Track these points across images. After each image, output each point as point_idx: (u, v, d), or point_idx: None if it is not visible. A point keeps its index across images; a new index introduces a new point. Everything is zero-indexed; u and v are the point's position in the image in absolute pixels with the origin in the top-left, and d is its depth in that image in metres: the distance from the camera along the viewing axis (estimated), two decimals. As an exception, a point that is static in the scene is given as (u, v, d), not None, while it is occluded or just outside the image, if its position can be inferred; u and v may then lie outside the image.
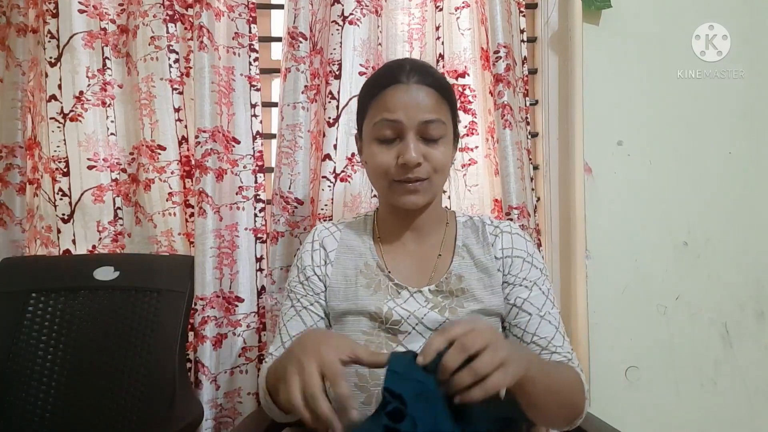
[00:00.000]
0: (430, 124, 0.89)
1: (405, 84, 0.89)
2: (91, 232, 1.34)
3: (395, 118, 0.88)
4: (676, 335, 1.47)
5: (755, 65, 1.49)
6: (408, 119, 0.88)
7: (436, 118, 0.89)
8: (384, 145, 0.90)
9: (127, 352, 1.17)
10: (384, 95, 0.90)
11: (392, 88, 0.90)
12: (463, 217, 1.04)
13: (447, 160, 0.92)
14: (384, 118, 0.89)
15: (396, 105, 0.89)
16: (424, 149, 0.89)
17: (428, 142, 0.89)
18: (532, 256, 0.97)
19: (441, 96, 0.92)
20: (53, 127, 1.32)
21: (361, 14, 1.32)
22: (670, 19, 1.48)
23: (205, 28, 1.27)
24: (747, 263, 1.49)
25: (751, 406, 1.48)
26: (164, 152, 1.32)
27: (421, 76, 0.91)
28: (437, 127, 0.89)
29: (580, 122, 1.41)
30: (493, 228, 1.00)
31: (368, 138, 0.93)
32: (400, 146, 0.89)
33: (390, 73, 0.92)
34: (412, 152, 0.87)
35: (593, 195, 1.44)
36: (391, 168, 0.90)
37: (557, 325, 0.92)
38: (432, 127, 0.89)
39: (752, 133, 1.49)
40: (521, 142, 1.34)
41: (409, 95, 0.89)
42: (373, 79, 0.96)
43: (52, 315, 1.19)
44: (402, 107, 0.88)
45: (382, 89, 0.91)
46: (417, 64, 0.93)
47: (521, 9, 1.39)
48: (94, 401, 1.14)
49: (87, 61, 1.33)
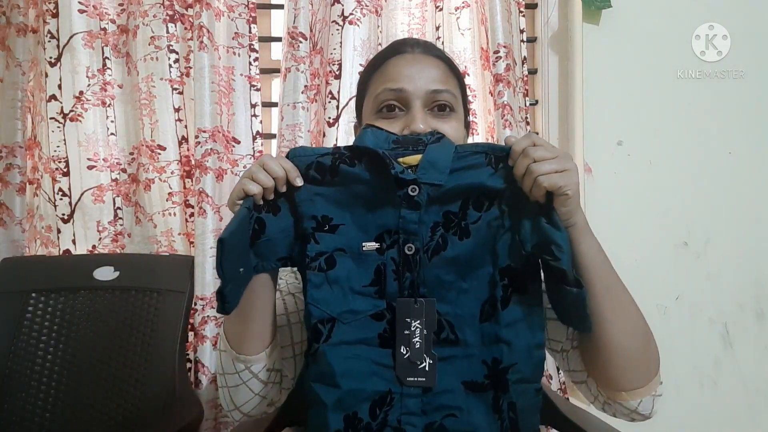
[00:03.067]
0: (439, 93, 0.77)
1: (410, 53, 0.80)
2: (91, 232, 1.34)
3: (399, 87, 0.77)
4: (676, 335, 1.47)
5: (755, 65, 1.49)
6: (414, 88, 0.76)
7: (445, 88, 0.78)
8: (386, 119, 0.77)
9: (127, 352, 1.17)
10: (386, 66, 0.80)
11: (396, 58, 0.80)
12: None
13: (459, 137, 0.79)
14: (387, 88, 0.77)
15: (400, 74, 0.78)
16: (434, 122, 0.76)
17: (437, 116, 0.77)
18: None
19: (449, 68, 0.82)
20: (53, 127, 1.32)
21: (361, 14, 1.32)
22: (670, 19, 1.48)
23: (205, 28, 1.27)
24: (747, 263, 1.49)
25: (751, 406, 1.48)
26: (164, 152, 1.32)
27: (426, 47, 0.82)
28: (447, 98, 0.78)
29: (580, 122, 1.41)
30: None
31: (369, 115, 0.81)
32: (406, 118, 0.77)
33: (392, 45, 0.84)
34: (419, 122, 0.75)
35: (593, 195, 1.44)
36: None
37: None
38: (441, 97, 0.77)
39: (752, 133, 1.49)
40: (521, 142, 1.34)
41: (415, 65, 0.78)
42: (374, 57, 0.86)
43: (52, 315, 1.19)
44: (407, 76, 0.77)
45: (384, 61, 0.81)
46: (422, 40, 0.87)
47: (521, 9, 1.39)
48: (94, 401, 1.14)
49: (87, 61, 1.33)
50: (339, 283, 0.68)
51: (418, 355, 0.65)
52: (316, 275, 0.68)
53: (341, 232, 0.69)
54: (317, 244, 0.68)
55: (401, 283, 0.67)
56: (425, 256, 0.68)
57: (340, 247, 0.68)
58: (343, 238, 0.69)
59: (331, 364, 0.65)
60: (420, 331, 0.66)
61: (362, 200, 0.69)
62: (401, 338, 0.66)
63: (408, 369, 0.65)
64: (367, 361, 0.66)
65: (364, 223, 0.69)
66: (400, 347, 0.66)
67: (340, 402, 0.65)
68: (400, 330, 0.66)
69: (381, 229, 0.68)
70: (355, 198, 0.69)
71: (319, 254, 0.68)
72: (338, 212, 0.69)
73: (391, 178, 0.66)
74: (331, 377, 0.65)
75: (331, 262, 0.68)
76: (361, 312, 0.67)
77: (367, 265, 0.68)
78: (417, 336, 0.66)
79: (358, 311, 0.67)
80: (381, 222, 0.68)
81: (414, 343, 0.66)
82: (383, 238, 0.68)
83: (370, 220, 0.69)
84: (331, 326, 0.67)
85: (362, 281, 0.68)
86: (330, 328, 0.67)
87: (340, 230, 0.69)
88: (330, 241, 0.68)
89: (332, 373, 0.65)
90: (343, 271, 0.68)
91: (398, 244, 0.68)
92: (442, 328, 0.67)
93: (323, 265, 0.68)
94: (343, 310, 0.67)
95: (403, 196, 0.67)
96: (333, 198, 0.69)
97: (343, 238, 0.69)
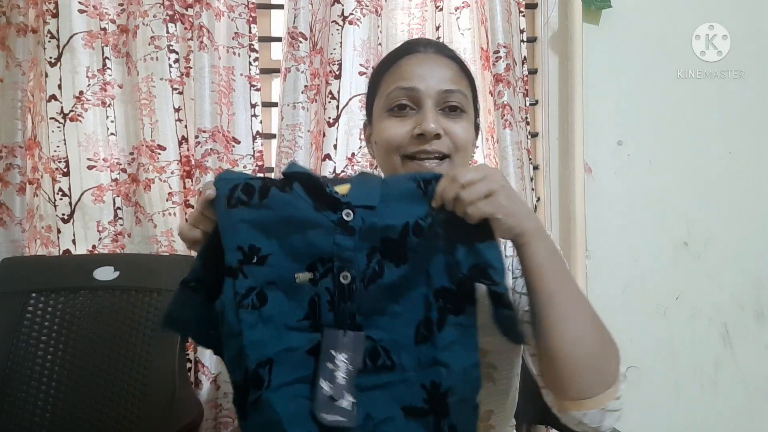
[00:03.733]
0: (451, 93, 0.78)
1: (423, 53, 0.81)
2: (91, 232, 1.34)
3: (411, 86, 0.77)
4: (676, 335, 1.47)
5: (755, 65, 1.49)
6: (426, 87, 0.77)
7: (456, 89, 0.79)
8: (397, 117, 0.78)
9: (127, 352, 1.16)
10: (399, 65, 0.80)
11: (408, 57, 0.81)
12: None
13: (469, 138, 0.80)
14: (398, 86, 0.78)
15: (412, 73, 0.78)
16: (445, 123, 0.77)
17: (449, 116, 0.78)
18: None
19: (461, 69, 0.83)
20: (53, 127, 1.32)
21: (361, 14, 1.32)
22: (670, 19, 1.48)
23: (205, 28, 1.27)
24: (747, 263, 1.49)
25: (751, 406, 1.48)
26: (164, 152, 1.32)
27: (439, 48, 0.83)
28: (458, 99, 0.79)
29: (580, 122, 1.41)
30: None
31: (379, 114, 0.81)
32: (417, 117, 0.77)
33: (405, 45, 0.84)
34: (430, 121, 0.75)
35: (593, 195, 1.44)
36: (406, 141, 0.78)
37: None
38: (453, 97, 0.78)
39: (752, 133, 1.49)
40: (521, 142, 1.34)
41: (427, 64, 0.79)
42: (386, 56, 0.87)
43: (52, 315, 1.19)
44: (419, 76, 0.78)
45: (396, 59, 0.82)
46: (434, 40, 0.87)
47: (521, 9, 1.39)
48: (94, 401, 1.14)
49: (87, 61, 1.33)
50: (273, 320, 0.64)
51: (339, 392, 0.61)
52: (249, 313, 0.63)
53: (271, 264, 0.65)
54: (246, 279, 0.64)
55: (336, 314, 0.64)
56: (361, 285, 0.65)
57: (270, 280, 0.64)
58: (273, 270, 0.65)
59: (277, 412, 0.61)
60: (345, 366, 0.62)
61: (293, 226, 0.65)
62: (324, 371, 0.62)
63: (327, 406, 0.61)
64: (305, 399, 0.63)
65: (294, 251, 0.65)
66: (322, 382, 0.62)
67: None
68: (323, 363, 0.62)
69: (314, 258, 0.65)
70: (284, 224, 0.65)
71: (249, 290, 0.64)
72: (265, 241, 0.65)
73: (325, 198, 0.64)
74: (277, 425, 0.61)
75: (262, 297, 0.64)
76: (297, 348, 0.64)
77: (300, 297, 0.65)
78: (341, 371, 0.62)
79: (293, 348, 0.64)
80: (313, 250, 0.65)
81: (336, 377, 0.62)
82: (316, 266, 0.65)
83: (301, 248, 0.65)
84: (269, 368, 0.62)
85: (296, 315, 0.64)
86: (269, 371, 0.62)
87: (270, 261, 0.65)
88: (259, 274, 0.64)
89: (278, 420, 0.61)
90: (275, 307, 0.64)
91: (333, 273, 0.65)
92: (377, 355, 0.64)
93: (255, 302, 0.64)
94: (279, 349, 0.63)
95: (337, 222, 0.64)
96: (259, 224, 0.65)
97: (273, 269, 0.65)
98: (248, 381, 0.62)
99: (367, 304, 0.65)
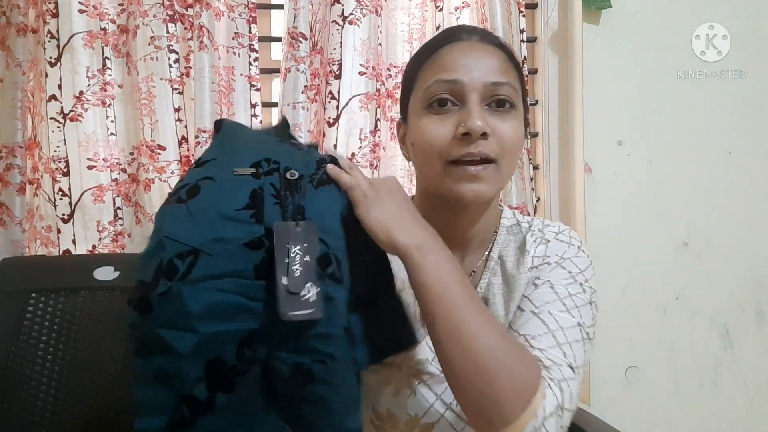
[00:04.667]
0: (499, 86, 0.69)
1: (466, 41, 0.72)
2: (91, 232, 1.34)
3: (454, 78, 0.68)
4: (676, 335, 1.47)
5: (755, 65, 1.49)
6: (471, 79, 0.68)
7: (505, 81, 0.69)
8: (438, 115, 0.69)
9: (127, 352, 1.16)
10: (439, 54, 0.71)
11: (449, 46, 0.71)
12: (510, 219, 0.81)
13: (519, 139, 0.71)
14: (439, 79, 0.69)
15: (455, 63, 0.69)
16: (492, 121, 0.68)
17: (496, 113, 0.69)
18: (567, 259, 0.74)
19: (509, 59, 0.73)
20: (53, 127, 1.32)
21: (361, 14, 1.32)
22: (670, 19, 1.48)
23: (205, 28, 1.27)
24: (747, 263, 1.49)
25: (751, 406, 1.48)
26: (164, 152, 1.32)
27: (484, 35, 0.74)
28: (507, 92, 0.69)
29: (580, 122, 1.41)
30: (536, 235, 0.77)
31: (416, 111, 0.72)
32: (460, 114, 0.68)
33: (445, 33, 0.76)
34: (476, 118, 0.66)
35: (593, 195, 1.44)
36: (448, 143, 0.68)
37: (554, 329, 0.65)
38: (501, 90, 0.69)
39: (752, 133, 1.49)
40: (521, 142, 1.34)
41: (472, 54, 0.70)
42: (423, 46, 0.78)
43: (52, 315, 1.19)
44: (462, 66, 0.69)
45: (436, 49, 0.72)
46: (478, 27, 0.80)
47: (521, 9, 1.39)
48: (94, 401, 1.14)
49: (87, 61, 1.33)
50: (204, 211, 0.56)
51: (297, 285, 0.55)
52: (174, 208, 0.57)
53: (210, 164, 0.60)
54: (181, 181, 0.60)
55: (284, 208, 0.58)
56: (310, 185, 0.60)
57: (207, 176, 0.58)
58: (210, 169, 0.60)
59: (187, 305, 0.53)
60: (300, 257, 0.56)
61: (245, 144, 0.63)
62: (281, 267, 0.55)
63: (290, 302, 0.54)
64: (234, 295, 0.55)
65: (237, 156, 0.61)
66: (280, 278, 0.55)
67: (198, 347, 0.54)
68: (280, 258, 0.55)
69: (258, 158, 0.60)
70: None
71: (181, 187, 0.58)
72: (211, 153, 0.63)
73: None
74: (186, 320, 0.54)
75: (193, 190, 0.57)
76: (233, 240, 0.55)
77: (239, 189, 0.58)
78: (297, 263, 0.56)
79: (228, 239, 0.55)
80: (259, 151, 0.61)
81: (293, 271, 0.55)
82: (260, 164, 0.59)
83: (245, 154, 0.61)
84: (192, 260, 0.54)
85: (233, 205, 0.57)
86: (190, 263, 0.54)
87: (210, 163, 0.61)
88: (194, 173, 0.60)
89: (187, 314, 0.53)
90: (209, 198, 0.57)
91: (279, 172, 0.59)
92: (328, 261, 0.58)
93: (183, 196, 0.57)
94: (209, 238, 0.55)
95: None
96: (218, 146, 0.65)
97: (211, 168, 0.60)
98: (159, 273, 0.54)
99: (317, 204, 0.59)
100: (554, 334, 0.65)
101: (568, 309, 0.68)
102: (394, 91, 1.39)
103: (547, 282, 0.71)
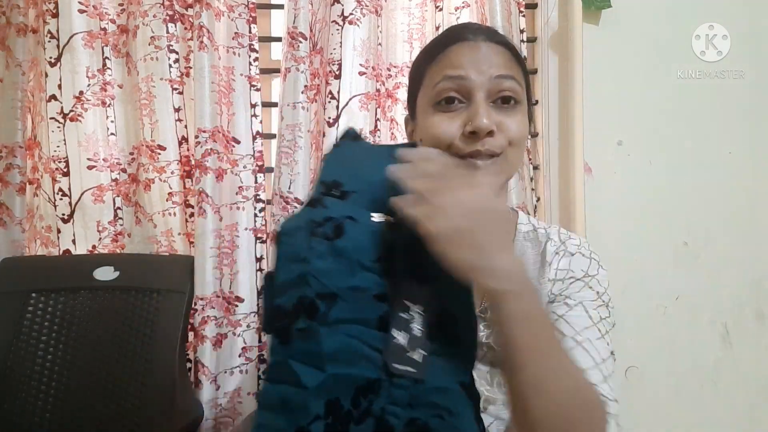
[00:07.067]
0: (504, 80, 0.72)
1: (472, 40, 0.75)
2: (91, 232, 1.34)
3: (461, 74, 0.72)
4: (676, 335, 1.47)
5: (755, 65, 1.49)
6: (477, 75, 0.72)
7: (510, 74, 0.73)
8: (446, 113, 0.73)
9: (127, 352, 1.17)
10: (447, 53, 0.75)
11: (456, 45, 0.75)
12: (526, 224, 0.84)
13: (524, 132, 0.75)
14: (447, 75, 0.73)
15: (462, 61, 0.73)
16: (497, 117, 0.72)
17: (501, 109, 0.73)
18: (592, 277, 0.77)
19: (514, 57, 0.76)
20: (53, 127, 1.32)
21: (361, 14, 1.32)
22: (670, 19, 1.48)
23: (205, 28, 1.27)
24: (747, 263, 1.49)
25: (751, 406, 1.48)
26: (164, 152, 1.32)
27: (489, 33, 0.77)
28: (512, 86, 0.73)
29: (580, 122, 1.41)
30: (558, 245, 0.80)
31: (425, 108, 0.76)
32: (467, 112, 0.72)
33: (451, 32, 0.79)
34: (482, 117, 0.69)
35: (593, 195, 1.44)
36: (456, 140, 0.72)
37: (598, 361, 0.67)
38: (506, 84, 0.72)
39: (752, 133, 1.49)
40: (521, 142, 1.34)
41: (478, 52, 0.73)
42: (430, 44, 0.81)
43: (52, 315, 1.19)
44: (469, 64, 0.72)
45: (443, 48, 0.76)
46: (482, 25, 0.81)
47: (521, 9, 1.39)
48: (94, 401, 1.14)
49: (87, 61, 1.33)
50: (345, 254, 0.59)
51: (414, 344, 0.57)
52: (320, 242, 0.59)
53: (352, 201, 0.61)
54: (325, 209, 0.60)
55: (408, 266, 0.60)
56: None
57: (349, 215, 0.60)
58: (354, 208, 0.61)
59: (322, 345, 0.56)
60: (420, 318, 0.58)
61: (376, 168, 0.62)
62: (398, 321, 0.58)
63: (397, 355, 0.57)
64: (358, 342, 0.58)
65: (377, 195, 0.61)
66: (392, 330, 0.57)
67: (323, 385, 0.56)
68: (397, 312, 0.58)
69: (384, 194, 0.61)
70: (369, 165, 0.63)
71: (326, 219, 0.59)
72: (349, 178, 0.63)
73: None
74: (318, 359, 0.57)
75: (339, 230, 0.59)
76: (366, 290, 0.58)
77: (376, 238, 0.60)
78: (415, 322, 0.58)
79: (362, 288, 0.58)
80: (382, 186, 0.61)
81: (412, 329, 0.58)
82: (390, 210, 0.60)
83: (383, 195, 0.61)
84: (331, 303, 0.57)
85: (370, 255, 0.59)
86: (329, 305, 0.57)
87: (352, 198, 0.61)
88: (339, 207, 0.61)
89: (320, 354, 0.56)
90: (351, 242, 0.59)
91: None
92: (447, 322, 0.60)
93: (330, 233, 0.59)
94: (348, 286, 0.58)
95: None
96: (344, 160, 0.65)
97: (354, 207, 0.61)
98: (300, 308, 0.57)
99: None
100: (600, 368, 0.67)
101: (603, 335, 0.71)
102: (394, 91, 1.39)
103: (580, 305, 0.72)
